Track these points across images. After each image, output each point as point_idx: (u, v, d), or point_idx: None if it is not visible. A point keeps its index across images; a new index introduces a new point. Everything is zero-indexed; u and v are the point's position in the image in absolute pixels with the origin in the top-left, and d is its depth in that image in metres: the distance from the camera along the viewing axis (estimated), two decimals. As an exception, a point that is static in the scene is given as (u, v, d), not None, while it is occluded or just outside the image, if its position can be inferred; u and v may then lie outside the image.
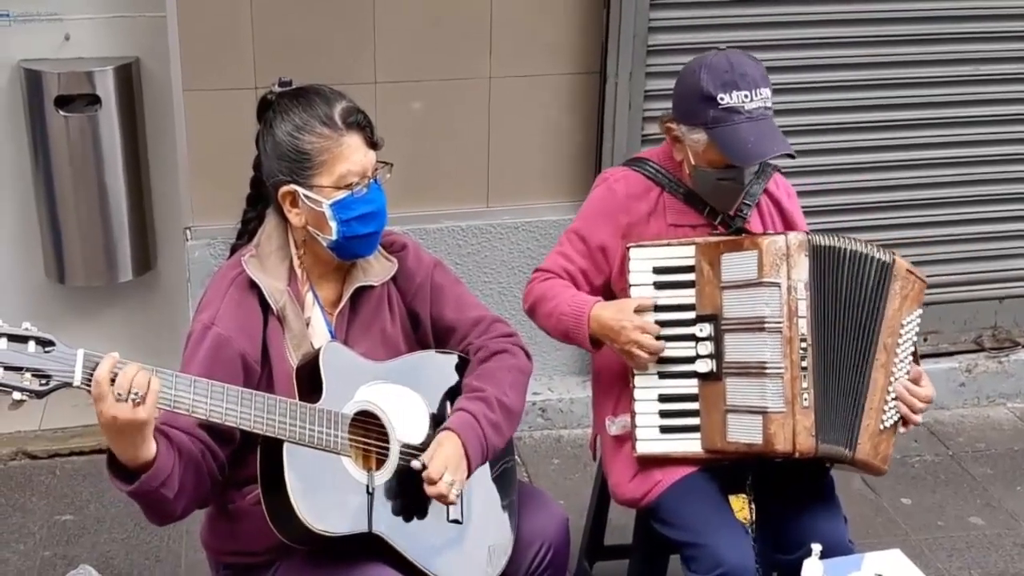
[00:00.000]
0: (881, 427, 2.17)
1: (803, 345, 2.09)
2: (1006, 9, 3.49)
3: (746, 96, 2.11)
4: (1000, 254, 3.75)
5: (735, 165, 2.16)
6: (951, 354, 3.76)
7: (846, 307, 2.15)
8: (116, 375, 1.65)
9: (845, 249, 2.15)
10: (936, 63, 3.50)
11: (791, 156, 2.15)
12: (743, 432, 2.12)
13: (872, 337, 2.15)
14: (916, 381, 2.21)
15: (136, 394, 1.64)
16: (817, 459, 2.15)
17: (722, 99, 2.12)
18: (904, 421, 2.21)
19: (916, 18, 3.45)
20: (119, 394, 1.64)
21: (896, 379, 2.18)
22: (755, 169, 2.22)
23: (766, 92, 2.14)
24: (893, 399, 2.18)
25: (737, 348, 2.13)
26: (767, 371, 2.10)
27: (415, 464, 1.91)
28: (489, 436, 1.99)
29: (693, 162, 2.22)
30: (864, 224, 3.57)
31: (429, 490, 1.89)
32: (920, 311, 2.22)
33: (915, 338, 2.21)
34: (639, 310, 2.18)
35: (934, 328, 3.74)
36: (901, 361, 2.19)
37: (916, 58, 3.48)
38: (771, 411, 2.09)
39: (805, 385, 2.09)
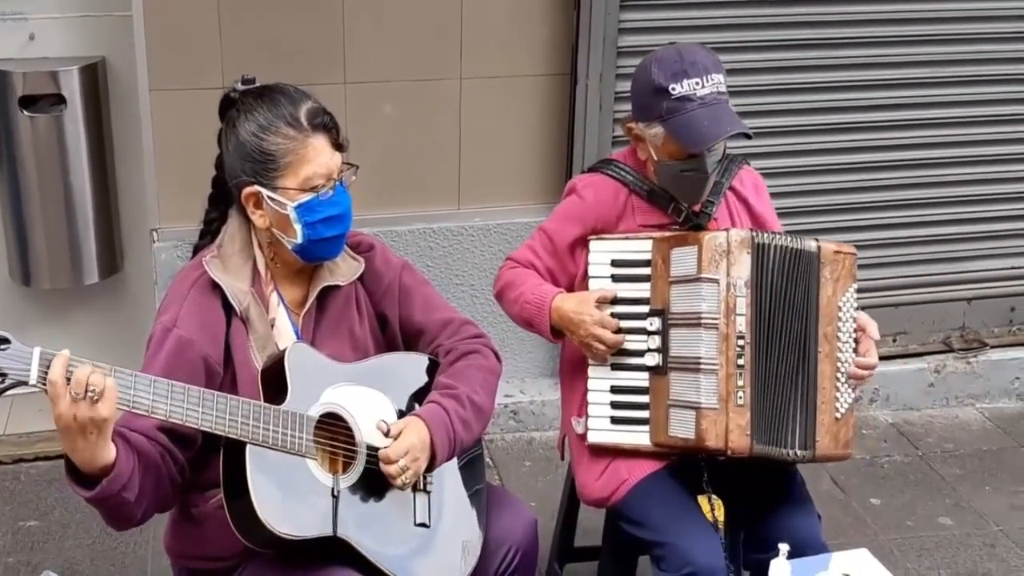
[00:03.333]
0: (837, 416, 2.18)
1: (740, 343, 2.10)
2: (978, 11, 3.51)
3: (697, 83, 2.13)
4: (968, 255, 3.78)
5: (694, 154, 2.16)
6: (920, 355, 3.79)
7: (787, 306, 2.16)
8: (70, 374, 1.63)
9: (784, 247, 2.16)
10: (904, 65, 3.52)
11: (747, 136, 2.16)
12: (680, 427, 2.14)
13: (811, 331, 2.16)
14: (864, 353, 2.22)
15: (93, 391, 1.62)
16: (767, 459, 2.15)
17: (674, 89, 2.13)
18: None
19: (886, 20, 3.47)
20: (76, 393, 1.61)
21: (843, 363, 2.19)
22: (718, 158, 2.22)
23: (718, 78, 2.15)
24: (845, 382, 2.19)
25: (679, 343, 2.15)
26: (701, 367, 2.11)
27: (380, 425, 1.89)
28: (459, 432, 1.97)
29: (656, 157, 2.22)
30: (834, 225, 3.59)
31: (384, 468, 1.88)
32: (855, 285, 2.22)
33: (855, 312, 2.22)
34: (600, 302, 2.20)
35: (903, 329, 3.77)
36: (845, 343, 2.20)
37: (883, 60, 3.50)
38: (704, 407, 2.10)
39: (741, 383, 2.10)
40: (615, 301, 2.21)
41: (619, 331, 2.19)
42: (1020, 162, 3.73)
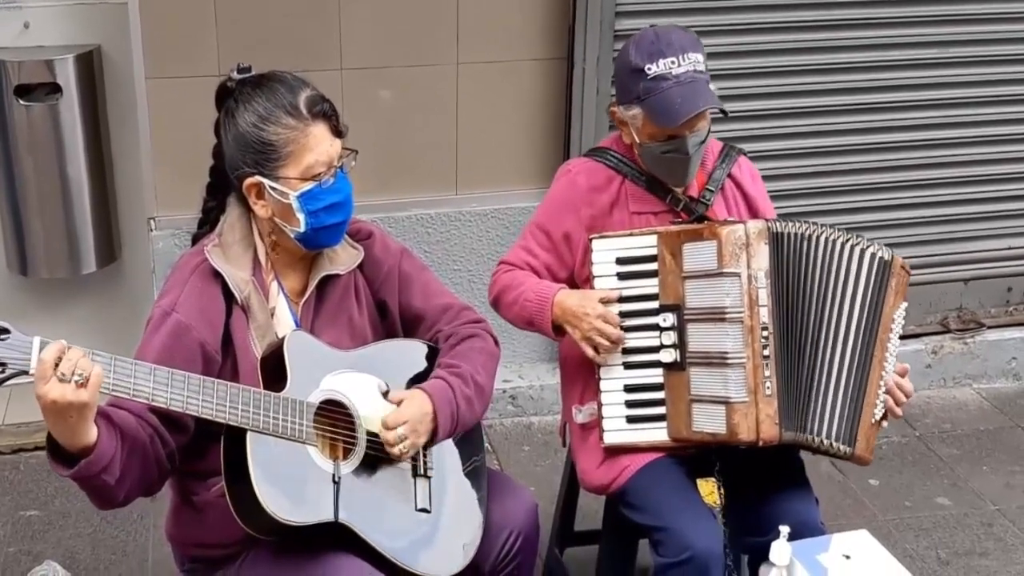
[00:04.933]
0: (873, 420, 2.19)
1: (764, 334, 2.10)
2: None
3: (673, 62, 2.13)
4: (965, 236, 3.79)
5: (674, 135, 2.16)
6: (917, 336, 3.80)
7: (806, 292, 2.16)
8: (61, 358, 1.62)
9: (810, 235, 2.15)
10: (899, 46, 3.52)
11: (723, 112, 2.16)
12: (707, 422, 2.12)
13: (874, 335, 2.16)
14: (902, 375, 2.23)
15: (80, 376, 1.62)
16: (785, 445, 2.16)
17: (650, 69, 2.14)
18: (885, 414, 2.22)
19: (880, 1, 3.46)
20: (62, 374, 1.61)
21: (887, 372, 2.19)
22: (700, 139, 2.21)
23: (696, 56, 2.15)
24: (884, 392, 2.20)
25: (700, 338, 2.14)
26: (729, 361, 2.10)
27: (380, 385, 1.89)
28: (462, 408, 1.98)
29: (638, 140, 2.22)
30: (831, 207, 3.59)
31: (382, 434, 1.90)
32: (905, 303, 2.23)
33: (901, 330, 2.23)
34: (603, 301, 2.18)
35: (900, 311, 3.77)
36: (891, 355, 2.21)
37: (880, 41, 3.50)
38: (734, 401, 2.09)
39: (767, 374, 2.09)
40: (622, 299, 2.19)
41: (624, 329, 2.17)
42: (1016, 143, 3.73)
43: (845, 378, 2.16)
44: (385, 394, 1.98)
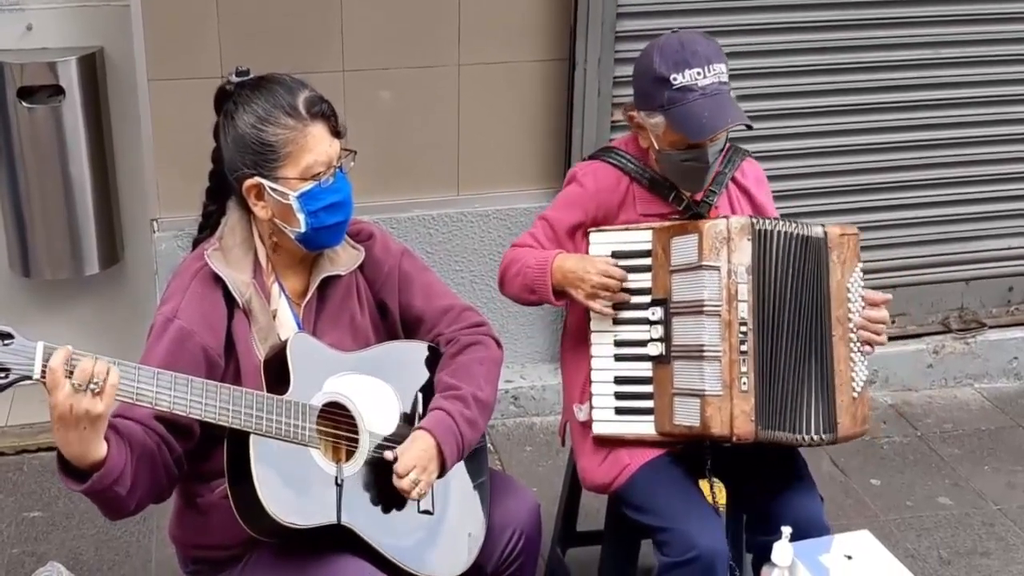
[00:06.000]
0: (854, 395, 2.19)
1: (743, 329, 2.11)
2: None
3: (699, 73, 2.12)
4: (966, 236, 3.79)
5: (695, 144, 2.17)
6: (918, 336, 3.80)
7: (793, 291, 2.16)
8: (74, 367, 1.62)
9: (786, 232, 2.16)
10: (898, 46, 3.52)
11: (748, 126, 2.17)
12: (685, 415, 2.14)
13: (824, 316, 2.17)
14: (878, 304, 2.22)
15: (96, 384, 1.62)
16: (772, 445, 2.17)
17: (675, 79, 2.13)
18: (870, 345, 2.22)
19: (880, 1, 3.46)
20: (78, 384, 1.61)
21: (855, 342, 2.19)
22: (720, 148, 2.22)
23: (720, 67, 2.15)
24: (860, 360, 2.20)
25: (682, 331, 2.16)
26: (705, 354, 2.12)
27: (388, 455, 1.91)
28: (465, 434, 1.99)
29: (657, 146, 2.23)
30: (831, 208, 3.59)
31: (396, 483, 1.90)
32: (860, 265, 2.22)
33: (863, 291, 2.21)
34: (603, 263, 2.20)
35: (901, 310, 3.77)
36: (854, 324, 2.20)
37: (880, 42, 3.50)
38: (708, 394, 2.11)
39: (744, 369, 2.10)
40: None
41: (618, 322, 2.18)
42: (1017, 143, 3.73)
43: (813, 368, 2.17)
44: (402, 411, 2.00)
